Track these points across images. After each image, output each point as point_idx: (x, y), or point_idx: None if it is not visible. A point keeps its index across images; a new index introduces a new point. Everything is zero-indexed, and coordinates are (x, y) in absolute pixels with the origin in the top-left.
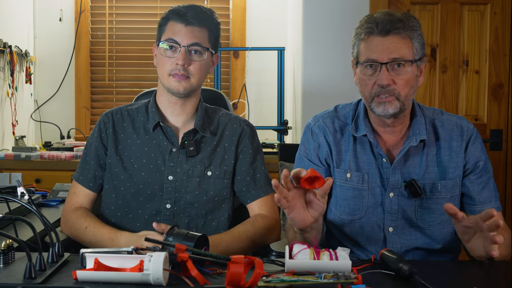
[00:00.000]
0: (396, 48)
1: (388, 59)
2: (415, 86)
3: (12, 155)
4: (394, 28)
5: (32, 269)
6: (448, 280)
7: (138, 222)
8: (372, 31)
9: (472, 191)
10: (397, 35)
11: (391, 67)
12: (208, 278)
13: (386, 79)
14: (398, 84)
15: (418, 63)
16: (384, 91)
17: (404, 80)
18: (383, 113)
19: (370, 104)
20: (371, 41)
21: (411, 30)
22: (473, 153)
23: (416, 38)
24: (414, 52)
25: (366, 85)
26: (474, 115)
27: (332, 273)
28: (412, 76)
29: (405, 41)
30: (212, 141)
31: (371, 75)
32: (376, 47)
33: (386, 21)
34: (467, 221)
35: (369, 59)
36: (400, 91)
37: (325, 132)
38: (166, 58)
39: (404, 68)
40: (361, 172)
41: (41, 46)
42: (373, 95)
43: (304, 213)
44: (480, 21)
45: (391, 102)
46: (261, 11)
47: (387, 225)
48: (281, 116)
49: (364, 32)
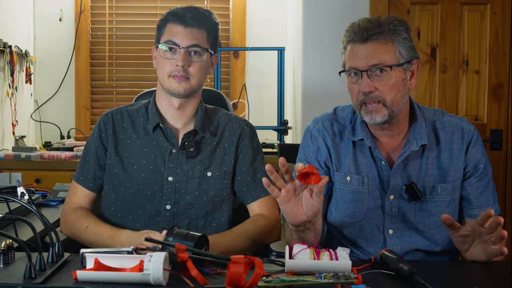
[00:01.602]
0: (375, 54)
1: (367, 66)
2: (403, 90)
3: (12, 155)
4: (371, 35)
5: (32, 269)
6: (448, 280)
7: (138, 223)
8: (352, 39)
9: (471, 194)
10: (375, 41)
11: (372, 73)
12: (208, 278)
13: (367, 86)
14: (381, 90)
15: (405, 66)
16: (369, 98)
17: (387, 85)
18: (370, 121)
19: (360, 111)
20: (352, 49)
21: (392, 34)
22: (473, 155)
23: (400, 42)
24: (397, 56)
25: (352, 93)
26: (474, 115)
27: (332, 273)
28: (397, 81)
29: (385, 46)
30: (212, 142)
31: (355, 83)
32: (356, 54)
33: (364, 28)
34: (464, 229)
35: (351, 67)
36: (385, 97)
37: (324, 135)
38: (166, 59)
39: (386, 74)
40: (361, 175)
41: (41, 46)
42: (360, 102)
43: (297, 208)
44: (480, 21)
45: (378, 110)
46: (261, 11)
47: (387, 228)
48: (281, 116)
49: (346, 41)
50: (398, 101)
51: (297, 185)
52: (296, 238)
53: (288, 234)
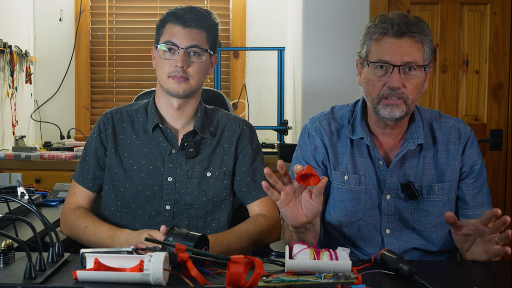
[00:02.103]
0: (410, 51)
1: (401, 62)
2: (421, 92)
3: (12, 155)
4: (409, 31)
5: (32, 269)
6: (448, 280)
7: (137, 223)
8: (386, 31)
9: (467, 195)
10: (411, 39)
11: (403, 70)
12: (208, 278)
13: (397, 81)
14: (408, 88)
15: (426, 69)
16: (394, 93)
17: (414, 84)
18: (389, 115)
19: (376, 105)
20: (385, 42)
21: (424, 35)
22: (470, 156)
23: (427, 44)
24: (424, 58)
25: (374, 86)
26: (474, 115)
27: (332, 273)
28: (420, 82)
29: (418, 45)
30: (211, 142)
31: (381, 76)
32: (390, 48)
33: (402, 23)
34: (467, 228)
35: (381, 60)
36: (409, 95)
37: (322, 134)
38: (165, 60)
39: (415, 73)
40: (358, 175)
41: (41, 46)
42: (381, 96)
43: (297, 210)
44: (480, 21)
45: (398, 105)
46: (261, 11)
47: (384, 227)
48: (281, 116)
49: (378, 32)
50: (415, 101)
51: (296, 187)
52: (296, 239)
53: (287, 235)
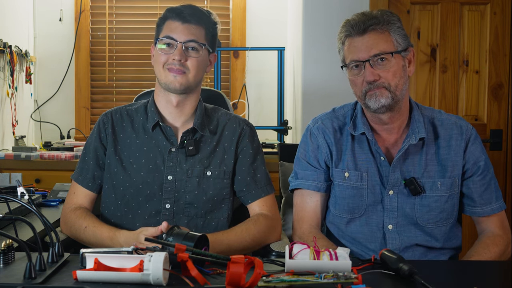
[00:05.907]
0: (375, 43)
1: (368, 56)
2: (404, 77)
3: (12, 155)
4: (368, 26)
5: (32, 269)
6: (448, 280)
7: (137, 222)
8: (350, 33)
9: (474, 192)
10: (373, 32)
11: (374, 62)
12: (208, 278)
13: (371, 74)
14: (385, 77)
15: (403, 53)
16: (373, 86)
17: (390, 72)
18: (375, 104)
19: (364, 101)
20: (351, 42)
21: (387, 24)
22: (473, 153)
23: (395, 31)
24: (395, 44)
25: (356, 85)
26: (474, 115)
27: (332, 273)
28: (398, 67)
29: (383, 35)
30: (211, 141)
31: (358, 74)
32: (356, 47)
33: (361, 21)
34: None
35: (352, 60)
36: (390, 82)
37: (325, 132)
38: (163, 54)
39: (387, 62)
40: (360, 171)
41: (41, 46)
42: (364, 92)
43: None
44: (480, 21)
45: (382, 93)
46: (261, 11)
47: (387, 223)
48: (281, 116)
49: (344, 36)
50: (401, 86)
51: None
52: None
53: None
